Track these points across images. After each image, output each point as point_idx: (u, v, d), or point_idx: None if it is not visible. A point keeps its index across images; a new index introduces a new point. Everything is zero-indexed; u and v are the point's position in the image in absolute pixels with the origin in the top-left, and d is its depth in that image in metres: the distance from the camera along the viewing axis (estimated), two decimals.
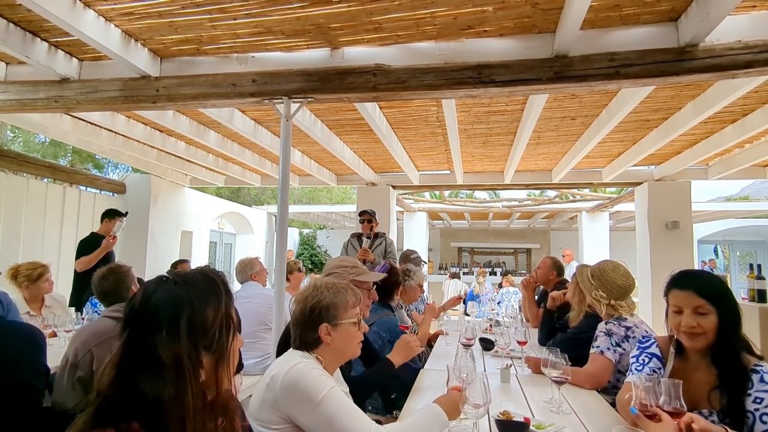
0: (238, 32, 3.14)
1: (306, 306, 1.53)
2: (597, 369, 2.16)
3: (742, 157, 5.82)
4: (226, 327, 0.97)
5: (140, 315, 0.90)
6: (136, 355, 0.87)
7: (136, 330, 0.89)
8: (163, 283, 0.94)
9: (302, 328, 1.53)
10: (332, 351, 1.53)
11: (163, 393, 0.85)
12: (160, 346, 0.86)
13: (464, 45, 3.12)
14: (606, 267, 2.40)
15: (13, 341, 1.95)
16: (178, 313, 0.90)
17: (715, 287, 1.56)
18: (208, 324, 0.93)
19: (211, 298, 0.96)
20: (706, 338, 1.52)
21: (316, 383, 1.34)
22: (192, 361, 0.89)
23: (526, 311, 3.96)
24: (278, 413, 1.34)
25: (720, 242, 14.27)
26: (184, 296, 0.92)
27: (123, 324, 0.91)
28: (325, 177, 7.48)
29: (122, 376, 0.86)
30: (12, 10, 2.96)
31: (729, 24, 2.70)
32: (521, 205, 10.48)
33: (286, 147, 3.38)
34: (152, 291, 0.92)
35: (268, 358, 3.47)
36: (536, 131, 5.01)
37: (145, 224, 7.14)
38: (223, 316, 0.96)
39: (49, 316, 3.32)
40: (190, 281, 0.96)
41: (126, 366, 0.86)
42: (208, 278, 0.99)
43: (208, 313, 0.94)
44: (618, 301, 2.29)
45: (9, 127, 13.72)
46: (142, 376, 0.85)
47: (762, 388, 1.42)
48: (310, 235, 16.83)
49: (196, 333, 0.91)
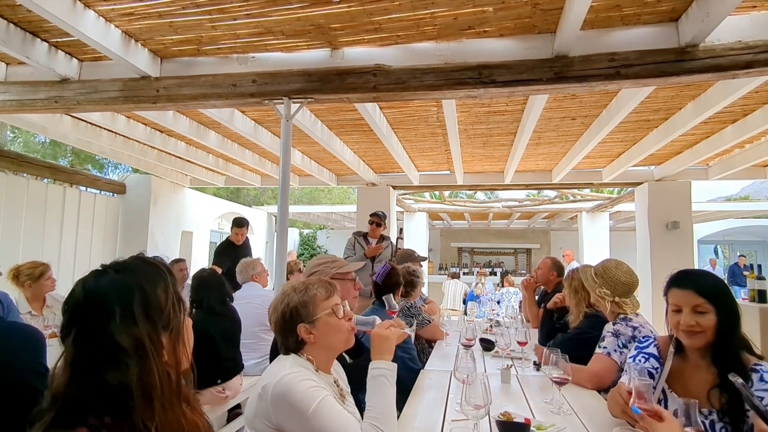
0: (238, 33, 3.14)
1: (279, 313, 1.52)
2: (601, 369, 2.15)
3: (742, 157, 5.82)
4: (178, 304, 0.97)
5: (87, 308, 0.88)
6: (92, 347, 0.85)
7: (86, 324, 0.87)
8: (103, 273, 0.93)
9: (283, 334, 1.52)
10: (319, 348, 1.51)
11: (128, 378, 0.84)
12: (117, 332, 0.85)
13: (464, 45, 3.12)
14: (609, 265, 2.40)
15: (12, 342, 1.95)
16: (129, 298, 0.89)
17: (714, 286, 1.57)
18: (162, 303, 0.93)
19: (158, 278, 0.96)
20: (704, 337, 1.53)
21: (306, 396, 1.32)
22: (153, 341, 0.89)
23: (527, 312, 3.96)
24: (270, 424, 1.33)
25: (720, 242, 14.28)
26: (132, 281, 0.92)
27: (68, 321, 0.88)
28: (325, 177, 7.48)
29: (81, 373, 0.84)
30: (12, 11, 2.96)
31: (729, 24, 2.70)
32: (521, 206, 10.47)
33: (287, 147, 3.38)
34: (93, 283, 0.91)
35: (267, 358, 3.46)
36: (536, 131, 5.01)
37: (145, 224, 7.14)
38: (173, 294, 0.97)
39: (50, 317, 3.32)
40: (132, 267, 0.95)
41: (82, 362, 0.85)
42: (147, 262, 0.98)
43: (159, 293, 0.94)
44: (622, 299, 2.29)
45: (9, 128, 13.72)
46: (102, 368, 0.84)
47: (762, 387, 1.42)
48: (311, 235, 16.84)
49: (153, 313, 0.91)
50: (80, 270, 6.62)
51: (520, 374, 2.41)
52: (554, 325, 3.14)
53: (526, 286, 3.96)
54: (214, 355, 2.95)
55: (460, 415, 1.69)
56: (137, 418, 0.84)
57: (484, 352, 2.90)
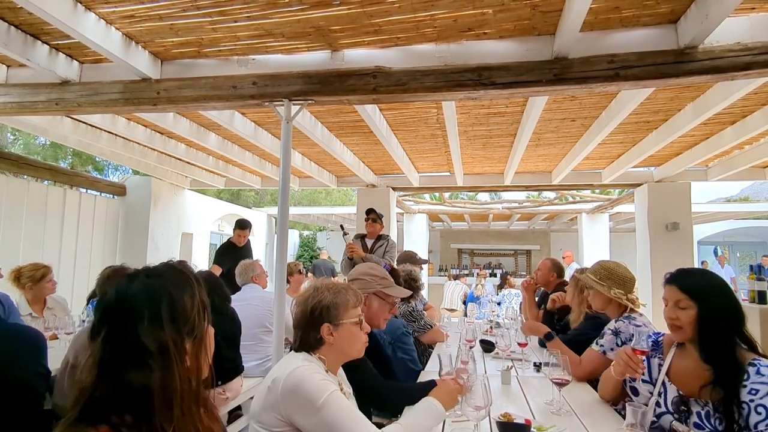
0: (238, 35, 3.15)
1: (307, 307, 1.53)
2: (590, 365, 2.23)
3: (742, 158, 5.83)
4: (203, 312, 1.00)
5: (118, 310, 0.91)
6: (119, 348, 0.88)
7: (116, 325, 0.90)
8: (135, 277, 0.95)
9: (304, 329, 1.53)
10: (335, 351, 1.53)
11: (150, 380, 0.86)
12: (144, 335, 0.88)
13: (464, 47, 3.13)
14: (609, 266, 2.43)
15: (13, 343, 1.95)
16: (157, 302, 0.92)
17: (699, 284, 1.64)
18: (188, 310, 0.96)
19: (185, 286, 0.98)
20: (684, 332, 1.62)
21: (317, 388, 1.34)
22: (177, 346, 0.91)
23: (527, 313, 3.96)
24: (279, 416, 1.35)
25: (720, 243, 14.27)
26: (161, 286, 0.94)
27: (99, 321, 0.91)
28: (325, 179, 7.48)
29: (107, 372, 0.87)
30: (13, 13, 2.97)
31: (728, 26, 2.70)
32: (521, 207, 10.48)
33: (287, 149, 3.38)
34: (125, 287, 0.93)
35: (268, 360, 3.47)
36: (536, 133, 5.01)
37: (145, 226, 7.15)
38: (199, 302, 0.99)
39: (50, 318, 3.32)
40: (160, 273, 0.98)
41: (110, 361, 0.87)
42: (176, 269, 1.01)
43: (185, 300, 0.96)
44: (631, 295, 2.35)
45: (9, 130, 13.74)
46: (127, 368, 0.87)
47: (758, 380, 1.46)
48: (310, 236, 16.84)
49: (179, 319, 0.93)
50: (80, 272, 6.66)
51: (521, 375, 2.42)
52: (555, 327, 3.14)
53: (526, 287, 3.96)
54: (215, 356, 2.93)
55: (461, 416, 1.70)
56: (156, 420, 0.86)
57: (484, 354, 2.90)
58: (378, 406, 2.02)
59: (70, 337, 2.93)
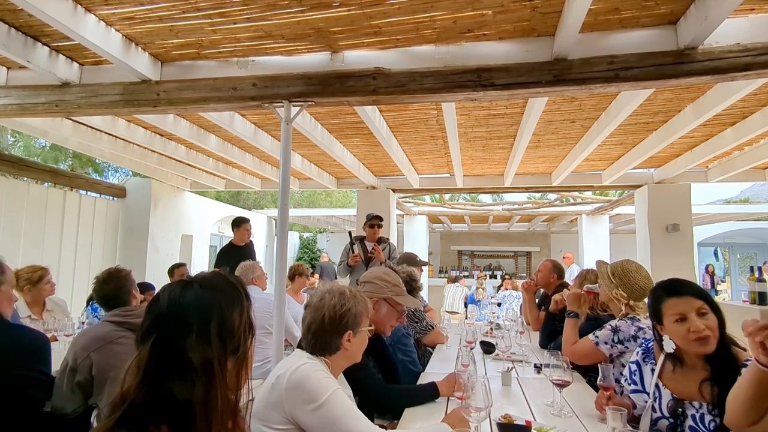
0: (238, 36, 3.15)
1: (335, 313, 1.52)
2: (582, 350, 2.31)
3: (742, 159, 5.83)
4: (248, 330, 0.98)
5: (169, 318, 0.90)
6: (165, 358, 0.87)
7: (165, 333, 0.89)
8: (189, 286, 0.94)
9: (327, 334, 1.51)
10: (346, 357, 1.55)
11: (193, 396, 0.85)
12: (191, 349, 0.87)
13: (464, 48, 3.13)
14: (629, 267, 2.37)
15: (14, 346, 1.94)
16: (208, 316, 0.91)
17: (703, 290, 1.66)
18: (236, 327, 0.94)
19: (236, 302, 0.97)
20: (713, 342, 1.53)
21: (321, 384, 1.36)
22: (221, 364, 0.90)
23: (527, 314, 3.95)
24: (282, 413, 1.36)
25: (720, 245, 14.26)
26: (213, 300, 0.93)
27: (149, 327, 0.90)
28: (325, 180, 7.48)
29: (151, 380, 0.86)
30: (13, 15, 2.97)
31: (728, 27, 2.70)
32: (521, 208, 10.48)
33: (287, 151, 3.38)
34: (178, 294, 0.92)
35: (268, 362, 3.46)
36: (536, 134, 5.01)
37: (145, 228, 7.15)
38: (246, 319, 0.98)
39: (50, 321, 3.31)
40: (215, 285, 0.96)
41: (155, 369, 0.86)
42: (230, 283, 1.00)
43: (234, 317, 0.94)
44: (636, 303, 2.31)
45: (9, 132, 13.75)
46: (171, 379, 0.86)
47: None
48: (311, 238, 16.83)
49: (226, 336, 0.92)
50: (80, 274, 6.66)
51: (521, 377, 2.41)
52: (556, 328, 3.14)
53: (526, 288, 3.96)
54: None
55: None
56: None
57: (484, 355, 2.89)
58: (378, 407, 2.02)
59: (69, 339, 2.93)
